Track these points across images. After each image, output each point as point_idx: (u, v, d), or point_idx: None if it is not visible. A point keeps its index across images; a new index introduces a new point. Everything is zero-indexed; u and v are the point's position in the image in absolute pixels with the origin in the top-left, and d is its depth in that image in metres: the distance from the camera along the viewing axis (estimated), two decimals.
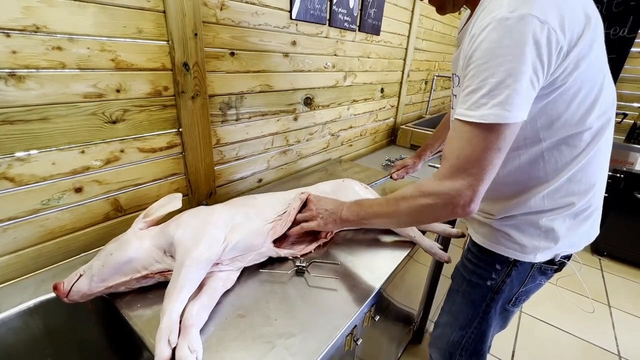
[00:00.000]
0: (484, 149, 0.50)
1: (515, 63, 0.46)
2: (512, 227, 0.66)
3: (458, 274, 0.81)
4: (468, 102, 0.51)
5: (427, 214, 0.59)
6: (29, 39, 0.55)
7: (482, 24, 0.49)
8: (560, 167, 0.60)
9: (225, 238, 0.64)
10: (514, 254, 0.67)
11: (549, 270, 0.70)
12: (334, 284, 0.66)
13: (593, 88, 0.54)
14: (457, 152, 0.53)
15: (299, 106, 1.17)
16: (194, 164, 0.87)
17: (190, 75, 0.78)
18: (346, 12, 1.22)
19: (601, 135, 0.59)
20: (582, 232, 0.66)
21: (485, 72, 0.48)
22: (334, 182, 0.92)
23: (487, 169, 0.51)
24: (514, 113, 0.48)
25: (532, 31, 0.45)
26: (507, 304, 0.75)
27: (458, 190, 0.52)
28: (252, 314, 0.58)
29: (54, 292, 0.55)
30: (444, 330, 0.86)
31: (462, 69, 0.54)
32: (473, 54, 0.50)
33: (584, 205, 0.63)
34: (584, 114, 0.55)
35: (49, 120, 0.60)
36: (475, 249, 0.74)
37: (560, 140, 0.58)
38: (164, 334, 0.49)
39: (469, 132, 0.51)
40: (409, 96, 1.97)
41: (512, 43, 0.46)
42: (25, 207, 0.61)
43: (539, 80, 0.48)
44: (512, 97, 0.47)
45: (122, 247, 0.59)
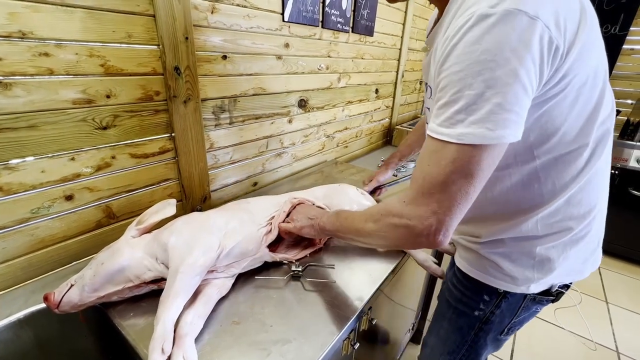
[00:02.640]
0: (454, 172, 0.41)
1: (499, 71, 0.37)
2: (501, 256, 0.58)
3: (443, 298, 0.74)
4: (441, 116, 0.42)
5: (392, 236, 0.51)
6: (15, 46, 0.54)
7: (458, 23, 0.40)
8: (558, 188, 0.52)
9: (220, 244, 0.63)
10: (504, 285, 0.59)
11: (544, 300, 0.62)
12: (331, 288, 0.65)
13: (593, 94, 0.46)
14: (424, 174, 0.45)
15: (294, 108, 1.16)
16: (187, 168, 0.86)
17: (182, 80, 0.77)
18: (339, 14, 1.21)
19: (602, 150, 0.51)
20: (581, 258, 0.58)
21: (460, 82, 0.39)
22: (328, 187, 0.92)
23: (457, 197, 0.42)
24: (498, 132, 0.38)
25: (520, 30, 0.36)
26: (498, 335, 0.67)
27: (420, 217, 0.44)
28: (247, 320, 0.57)
29: (45, 302, 0.54)
30: (432, 353, 0.79)
31: (434, 78, 0.46)
32: (446, 60, 0.41)
33: (584, 230, 0.55)
34: (583, 126, 0.47)
35: (38, 128, 0.59)
36: (460, 276, 0.67)
37: (557, 157, 0.49)
38: (157, 343, 0.48)
39: (439, 152, 0.42)
40: (403, 96, 1.97)
41: (493, 46, 0.37)
42: (15, 216, 0.60)
43: (532, 88, 0.39)
44: (495, 114, 0.38)
45: (114, 256, 0.58)
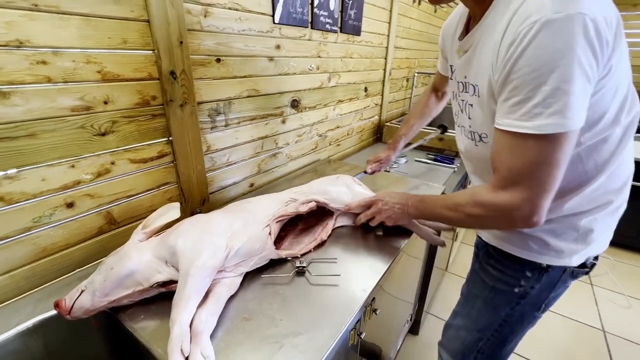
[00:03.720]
0: (540, 162, 0.48)
1: (569, 66, 0.43)
2: (547, 232, 0.63)
3: (477, 279, 0.77)
4: (516, 112, 0.48)
5: (482, 222, 0.60)
6: (12, 54, 0.54)
7: (521, 29, 0.45)
8: (600, 165, 0.57)
9: (227, 245, 0.64)
10: (548, 260, 0.64)
11: (580, 273, 0.67)
12: (335, 281, 0.67)
13: (625, 83, 0.53)
14: (507, 164, 0.51)
15: (287, 109, 1.18)
16: (185, 172, 0.86)
17: (177, 84, 0.78)
18: (327, 14, 1.24)
19: (631, 131, 0.57)
20: (613, 228, 0.65)
21: (536, 80, 0.45)
22: (327, 179, 0.93)
23: (547, 181, 0.48)
24: (574, 120, 0.45)
25: (583, 30, 0.42)
26: (535, 311, 0.71)
27: (514, 203, 0.51)
28: (257, 316, 0.58)
29: (56, 309, 0.53)
30: (458, 333, 0.83)
31: (498, 79, 0.51)
32: (517, 63, 0.46)
33: (620, 201, 0.62)
34: (618, 111, 0.53)
35: (37, 136, 0.59)
36: (499, 256, 0.71)
37: (599, 140, 0.54)
38: (175, 343, 0.49)
39: (521, 145, 0.48)
40: (391, 94, 2.01)
41: (563, 46, 0.42)
42: (16, 225, 0.60)
43: (595, 76, 0.46)
44: (570, 103, 0.44)
45: (122, 260, 0.58)
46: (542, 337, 1.51)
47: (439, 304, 1.71)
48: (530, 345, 1.45)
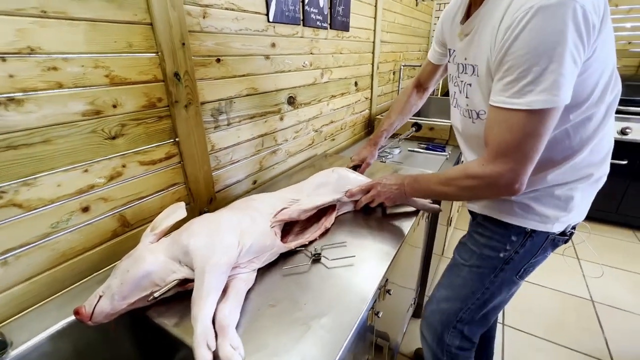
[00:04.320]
0: (527, 134, 0.53)
1: (559, 48, 0.47)
2: (531, 199, 0.68)
3: (465, 248, 0.82)
4: (509, 90, 0.52)
5: (473, 193, 0.67)
6: (25, 62, 0.54)
7: (518, 14, 0.49)
8: (584, 140, 0.62)
9: (239, 242, 0.66)
10: (532, 225, 0.69)
11: (559, 241, 0.72)
12: (350, 262, 0.71)
13: (610, 64, 0.57)
14: (498, 139, 0.56)
15: (284, 106, 1.20)
16: (193, 172, 0.88)
17: (181, 85, 0.79)
18: (317, 12, 1.26)
19: (613, 108, 0.62)
20: (591, 199, 0.71)
21: (528, 62, 0.49)
22: (324, 173, 0.96)
23: (530, 153, 0.54)
24: (561, 96, 0.50)
25: (573, 15, 0.46)
26: (515, 275, 0.76)
27: (500, 172, 0.57)
28: (282, 302, 0.61)
29: (76, 316, 0.53)
30: (439, 305, 0.86)
31: (495, 59, 0.55)
32: (512, 45, 0.50)
33: (601, 174, 0.68)
34: (603, 91, 0.58)
35: (51, 142, 0.60)
36: (487, 223, 0.75)
37: (585, 117, 0.59)
38: (200, 339, 0.50)
39: (510, 119, 0.53)
40: (380, 87, 2.05)
41: (554, 30, 0.47)
42: (36, 232, 0.61)
43: (581, 59, 0.50)
44: (558, 82, 0.49)
45: (137, 263, 0.59)
46: (533, 310, 1.59)
47: None
48: (524, 319, 1.53)
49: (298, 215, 0.81)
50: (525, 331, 1.48)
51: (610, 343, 1.42)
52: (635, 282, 1.79)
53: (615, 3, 2.42)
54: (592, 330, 1.49)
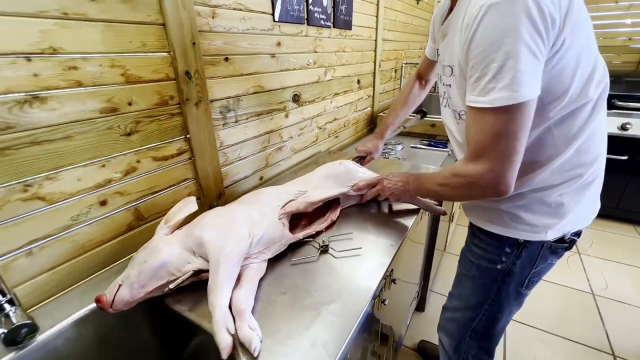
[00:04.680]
0: (497, 133, 0.52)
1: (514, 44, 0.47)
2: (521, 208, 0.66)
3: (466, 259, 0.82)
4: (476, 89, 0.53)
5: (465, 192, 0.64)
6: (48, 61, 0.57)
7: (473, 13, 0.50)
8: (569, 139, 0.60)
9: (250, 234, 0.69)
10: (524, 235, 0.67)
11: (559, 249, 0.70)
12: (356, 253, 0.74)
13: (590, 61, 0.56)
14: (474, 138, 0.56)
15: (289, 103, 1.23)
16: (203, 167, 0.90)
17: (192, 83, 0.82)
18: (321, 11, 1.28)
19: (601, 105, 0.60)
20: (587, 203, 0.67)
21: (486, 59, 0.50)
22: (330, 165, 0.98)
23: (506, 152, 0.52)
24: (523, 92, 0.49)
25: (525, 10, 0.46)
26: (520, 287, 0.74)
27: (480, 173, 0.56)
28: (292, 290, 0.64)
29: (97, 304, 0.56)
30: (454, 314, 0.87)
31: (463, 59, 0.56)
32: (471, 44, 0.52)
33: (591, 175, 0.64)
34: (584, 86, 0.56)
35: (72, 138, 0.62)
36: (481, 234, 0.75)
37: (566, 114, 0.58)
38: (220, 324, 0.52)
39: (481, 119, 0.53)
40: (382, 85, 2.08)
41: (506, 26, 0.47)
42: (58, 224, 0.63)
43: (542, 52, 0.49)
44: (517, 78, 0.48)
45: (154, 254, 0.61)
46: (535, 303, 1.62)
47: (440, 282, 1.80)
48: (527, 312, 1.56)
49: (305, 207, 0.83)
50: (527, 324, 1.51)
51: (610, 335, 1.44)
52: (635, 276, 1.81)
53: (615, 0, 2.43)
54: (593, 322, 1.52)
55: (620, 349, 1.37)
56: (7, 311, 0.50)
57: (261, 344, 0.52)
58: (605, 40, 2.54)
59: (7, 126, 0.54)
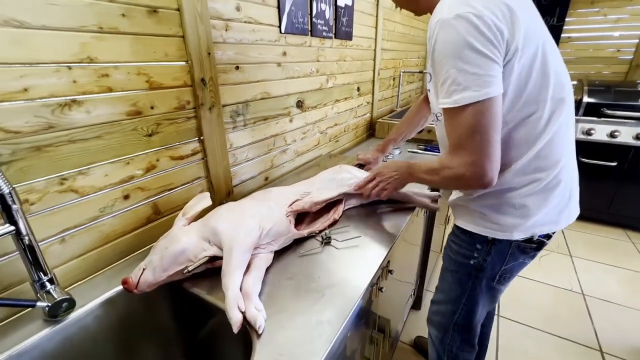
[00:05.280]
0: (468, 127, 0.58)
1: (464, 52, 0.54)
2: (488, 207, 0.72)
3: (446, 254, 0.89)
4: (443, 92, 0.60)
5: (453, 182, 0.68)
6: (85, 70, 0.65)
7: (431, 27, 0.59)
8: (528, 144, 0.65)
9: (260, 226, 0.76)
10: (491, 233, 0.73)
11: (528, 249, 0.74)
12: (356, 243, 0.81)
13: (544, 70, 0.62)
14: (452, 135, 0.63)
15: (293, 109, 1.31)
16: (214, 167, 0.98)
17: (207, 89, 0.89)
18: (323, 23, 1.37)
19: (559, 114, 0.65)
20: (555, 208, 0.71)
21: (445, 66, 0.57)
22: (332, 169, 1.06)
23: (482, 144, 0.58)
24: (482, 91, 0.55)
25: (471, 22, 0.54)
26: (491, 282, 0.80)
27: (462, 165, 0.61)
28: (298, 276, 0.71)
29: (124, 286, 0.62)
30: (439, 307, 0.93)
31: (431, 67, 0.65)
32: (433, 53, 0.60)
33: (553, 180, 0.68)
34: (537, 94, 0.62)
35: (102, 138, 0.70)
36: (458, 231, 0.82)
37: (522, 120, 0.64)
38: (232, 303, 0.59)
39: (452, 118, 0.60)
40: (380, 92, 2.16)
41: (457, 37, 0.55)
42: (87, 215, 0.70)
43: (497, 55, 0.56)
44: (475, 80, 0.55)
45: (174, 241, 0.69)
46: (527, 302, 1.68)
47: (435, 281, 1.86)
48: (517, 310, 1.62)
49: (310, 207, 0.90)
50: (519, 322, 1.57)
51: (599, 333, 1.51)
52: (623, 277, 1.88)
53: (604, 13, 2.54)
54: (582, 321, 1.58)
55: (607, 346, 1.44)
56: (48, 288, 0.57)
57: (272, 320, 0.58)
58: (595, 52, 2.65)
59: (49, 126, 0.61)
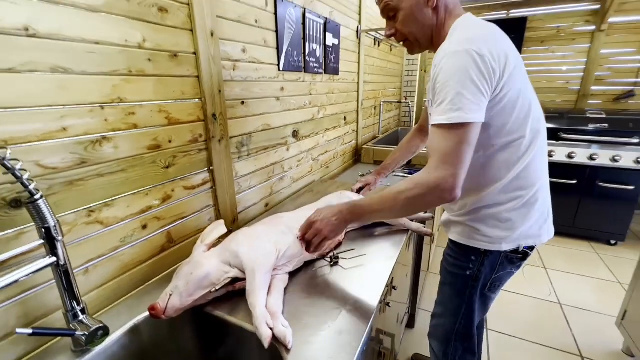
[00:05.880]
0: (457, 142, 0.66)
1: (465, 80, 0.64)
2: (479, 222, 0.81)
3: (443, 268, 0.96)
4: (439, 111, 0.68)
5: (420, 202, 0.70)
6: (115, 109, 0.70)
7: (439, 56, 0.69)
8: (510, 166, 0.76)
9: (276, 249, 0.81)
10: (484, 245, 0.82)
11: (514, 259, 0.84)
12: (362, 265, 0.87)
13: (524, 105, 0.73)
14: (438, 149, 0.68)
15: (289, 138, 1.39)
16: (222, 196, 1.02)
17: (217, 123, 0.96)
18: (315, 60, 1.50)
19: (535, 144, 0.76)
20: (536, 223, 0.81)
21: (446, 88, 0.66)
22: (333, 195, 1.14)
23: (462, 159, 0.66)
24: (471, 115, 0.65)
25: (473, 58, 0.64)
26: (484, 290, 0.88)
27: (443, 178, 0.66)
28: (314, 295, 0.76)
29: (151, 312, 0.65)
30: (439, 320, 0.99)
31: (432, 90, 0.73)
32: (437, 77, 0.69)
33: (532, 198, 0.79)
34: (520, 125, 0.73)
35: (126, 171, 0.74)
36: (453, 246, 0.90)
37: (507, 144, 0.74)
38: (261, 319, 0.63)
39: (444, 132, 0.68)
40: (364, 120, 2.31)
41: (460, 67, 0.65)
42: (110, 245, 0.73)
43: (486, 90, 0.66)
44: (467, 105, 0.65)
45: (198, 266, 0.72)
46: (512, 315, 1.78)
47: (426, 299, 1.93)
48: (503, 322, 1.71)
49: None
50: (507, 333, 1.66)
51: (577, 338, 1.62)
52: (593, 286, 2.04)
53: (552, 50, 2.90)
54: (562, 328, 1.69)
55: (586, 350, 1.54)
56: (81, 318, 0.59)
57: (296, 336, 0.63)
58: (548, 83, 2.99)
59: (82, 161, 0.65)
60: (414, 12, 0.76)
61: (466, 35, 0.69)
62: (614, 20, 2.67)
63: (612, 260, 2.33)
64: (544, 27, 2.90)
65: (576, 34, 2.82)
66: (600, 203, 2.45)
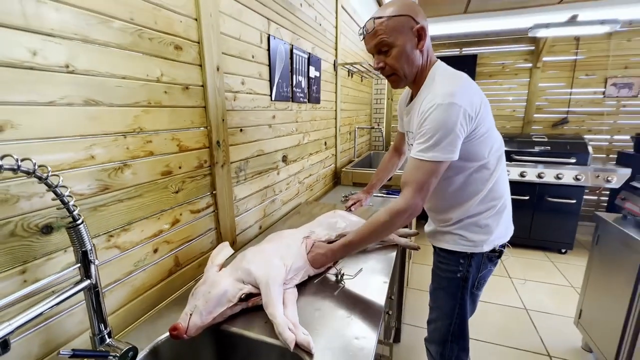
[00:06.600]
0: (430, 175, 0.83)
1: (449, 128, 0.80)
2: (464, 229, 0.97)
3: (435, 275, 1.09)
4: (422, 147, 0.83)
5: (397, 225, 0.87)
6: (135, 137, 0.74)
7: (427, 105, 0.82)
8: (484, 182, 0.94)
9: (284, 263, 0.87)
10: (469, 249, 0.97)
11: (493, 257, 1.00)
12: (363, 280, 0.94)
13: (491, 136, 0.90)
14: (416, 179, 0.84)
15: (280, 163, 1.47)
16: (223, 218, 1.06)
17: (220, 150, 1.02)
18: (300, 90, 1.62)
19: (500, 164, 0.95)
20: (504, 225, 1.00)
21: (430, 131, 0.82)
22: (328, 214, 1.22)
23: (429, 188, 0.85)
24: (449, 155, 0.82)
25: (456, 110, 0.79)
26: (472, 288, 1.02)
27: (417, 202, 0.84)
28: (324, 307, 0.81)
29: (173, 333, 0.66)
30: (436, 324, 1.08)
31: (417, 128, 0.87)
32: (424, 122, 0.83)
33: (502, 205, 0.98)
34: (489, 151, 0.91)
35: (142, 196, 0.77)
36: (443, 253, 1.04)
37: (480, 166, 0.92)
38: (283, 325, 0.68)
39: (422, 167, 0.84)
40: (341, 145, 2.45)
41: (446, 117, 0.80)
42: (124, 269, 0.74)
43: (463, 133, 0.82)
44: (448, 147, 0.81)
45: (215, 285, 0.76)
46: (485, 322, 1.92)
47: (408, 313, 2.02)
48: (481, 330, 1.84)
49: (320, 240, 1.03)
50: (482, 340, 1.78)
51: (544, 339, 1.78)
52: (552, 290, 2.26)
53: (499, 83, 3.32)
54: (529, 332, 1.85)
55: (553, 350, 1.70)
56: (108, 341, 0.60)
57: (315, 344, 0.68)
58: (498, 111, 3.39)
59: (105, 187, 0.68)
60: (406, 50, 0.88)
61: (449, 90, 0.82)
62: (547, 59, 3.15)
63: (564, 266, 2.60)
64: (491, 63, 3.33)
65: (518, 70, 3.27)
66: (550, 216, 2.77)
